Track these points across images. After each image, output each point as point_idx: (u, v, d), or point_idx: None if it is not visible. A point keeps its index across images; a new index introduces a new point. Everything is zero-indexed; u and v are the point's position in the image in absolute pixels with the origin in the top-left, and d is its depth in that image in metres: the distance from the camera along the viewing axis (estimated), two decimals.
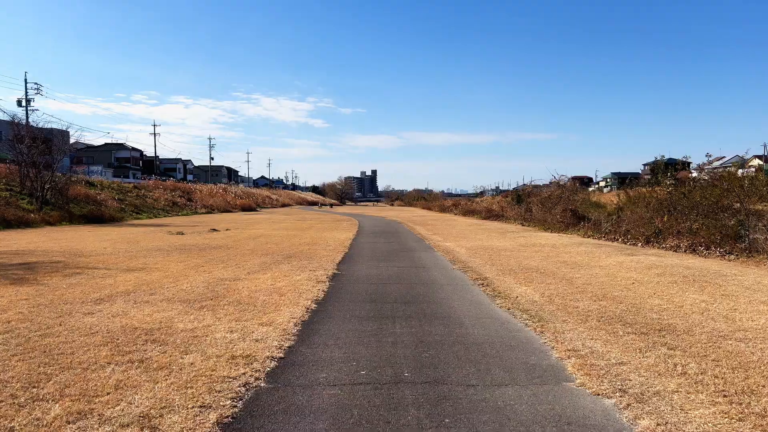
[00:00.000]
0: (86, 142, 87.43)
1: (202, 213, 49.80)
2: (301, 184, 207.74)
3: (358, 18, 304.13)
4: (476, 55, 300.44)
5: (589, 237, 20.30)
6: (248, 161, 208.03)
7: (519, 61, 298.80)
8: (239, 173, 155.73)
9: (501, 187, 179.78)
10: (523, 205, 35.97)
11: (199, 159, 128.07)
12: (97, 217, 32.13)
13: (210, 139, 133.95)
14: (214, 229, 24.55)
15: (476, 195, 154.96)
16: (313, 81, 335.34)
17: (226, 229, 24.64)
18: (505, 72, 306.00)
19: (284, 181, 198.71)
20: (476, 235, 21.85)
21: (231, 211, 57.21)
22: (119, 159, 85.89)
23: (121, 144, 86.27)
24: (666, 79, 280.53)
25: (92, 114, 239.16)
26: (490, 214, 38.57)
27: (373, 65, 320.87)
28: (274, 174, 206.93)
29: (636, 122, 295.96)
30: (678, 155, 41.89)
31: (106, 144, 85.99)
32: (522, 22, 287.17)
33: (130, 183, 54.25)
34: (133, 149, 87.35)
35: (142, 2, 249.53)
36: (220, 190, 68.98)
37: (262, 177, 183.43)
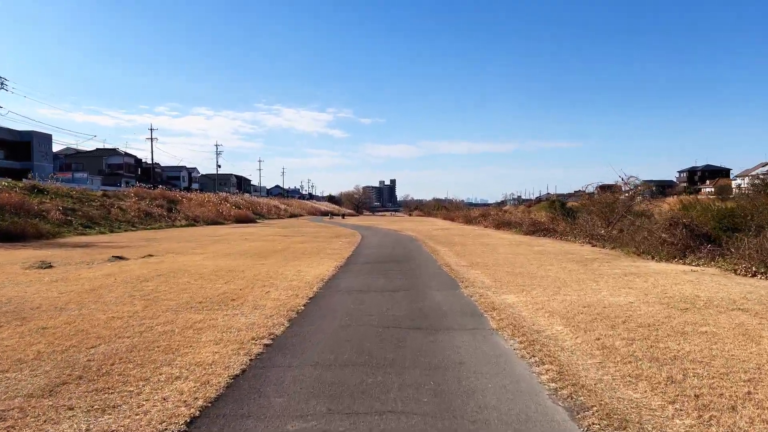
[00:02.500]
0: (78, 148, 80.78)
1: (181, 226, 41.66)
2: (319, 194, 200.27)
3: (377, 30, 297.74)
4: (496, 62, 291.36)
5: (754, 275, 11.38)
6: (260, 169, 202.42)
7: (540, 67, 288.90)
8: (252, 182, 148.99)
9: (523, 197, 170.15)
10: (586, 217, 26.96)
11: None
12: (14, 234, 24.02)
13: (217, 146, 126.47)
14: (147, 255, 16.22)
15: (498, 204, 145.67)
16: (334, 92, 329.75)
17: (148, 255, 16.19)
18: (526, 79, 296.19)
19: (300, 190, 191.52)
20: (545, 270, 13.06)
21: (221, 224, 49.10)
22: (111, 165, 78.70)
23: (114, 149, 79.21)
24: (689, 86, 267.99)
25: (115, 126, 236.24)
26: (536, 228, 29.61)
27: (393, 76, 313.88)
28: (293, 184, 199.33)
29: (661, 130, 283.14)
30: (699, 163, 33.56)
31: (97, 149, 79.06)
32: (542, 29, 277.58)
33: (101, 191, 46.43)
34: (127, 155, 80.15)
35: (164, 15, 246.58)
36: (214, 200, 60.97)
37: (277, 186, 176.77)
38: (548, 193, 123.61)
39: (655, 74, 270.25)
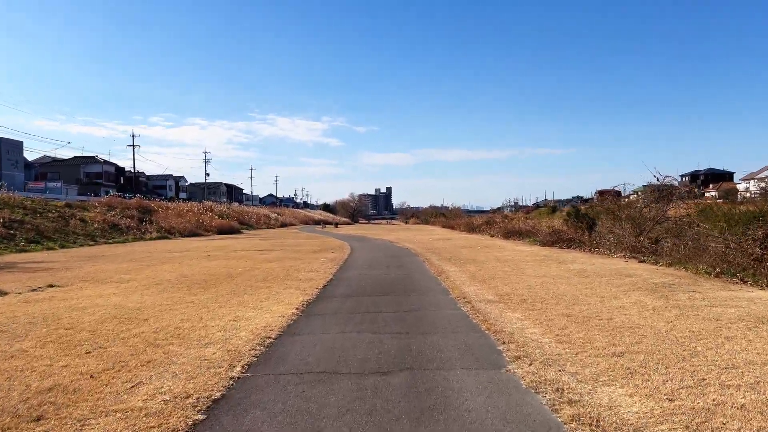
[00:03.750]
0: (54, 155, 76.16)
1: (151, 239, 37.08)
2: (314, 202, 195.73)
3: (370, 38, 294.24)
4: (490, 71, 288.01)
5: None
6: (251, 177, 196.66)
7: (534, 75, 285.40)
8: (243, 191, 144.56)
9: (520, 203, 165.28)
10: (610, 224, 22.54)
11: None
12: None
13: (205, 153, 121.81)
14: (48, 286, 11.79)
15: (495, 211, 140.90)
16: (327, 100, 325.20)
17: (49, 286, 11.67)
18: (521, 87, 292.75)
19: (294, 199, 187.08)
20: (619, 311, 8.61)
21: (200, 235, 44.58)
22: (90, 174, 74.04)
23: (92, 157, 74.57)
24: (683, 92, 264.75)
25: (110, 136, 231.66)
26: (557, 238, 25.19)
27: (386, 84, 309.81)
28: (288, 192, 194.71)
29: (658, 135, 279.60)
30: (702, 166, 30.11)
31: (75, 157, 74.41)
32: (537, 38, 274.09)
33: (65, 201, 41.84)
34: (107, 163, 75.52)
35: (156, 25, 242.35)
36: (195, 209, 56.44)
37: (270, 195, 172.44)
38: (545, 199, 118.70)
39: (651, 79, 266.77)
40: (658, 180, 26.42)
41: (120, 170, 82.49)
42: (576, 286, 11.03)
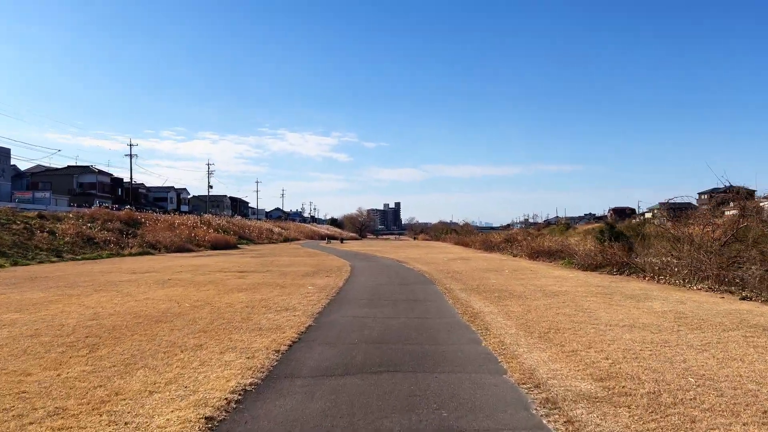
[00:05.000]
0: (47, 164, 72.57)
1: (131, 254, 32.84)
2: (322, 217, 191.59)
3: (380, 55, 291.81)
4: (499, 87, 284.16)
5: None
6: (257, 191, 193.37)
7: (543, 91, 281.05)
8: (249, 204, 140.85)
9: (530, 220, 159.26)
10: (694, 250, 17.91)
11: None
12: None
13: (209, 165, 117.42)
14: None
15: (504, 228, 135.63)
16: (337, 116, 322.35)
17: None
18: (529, 103, 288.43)
19: (302, 213, 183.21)
20: None
21: (190, 251, 40.41)
22: (83, 185, 70.21)
23: (87, 167, 70.77)
24: (700, 106, 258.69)
25: (122, 150, 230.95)
26: (601, 262, 20.61)
27: (396, 100, 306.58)
28: (296, 207, 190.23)
29: (671, 151, 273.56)
30: (720, 184, 26.97)
31: (68, 167, 70.66)
32: (546, 54, 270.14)
33: (37, 212, 37.79)
34: (101, 173, 71.72)
35: (167, 39, 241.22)
36: (189, 222, 52.35)
37: (277, 209, 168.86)
38: (557, 216, 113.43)
39: (664, 93, 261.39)
40: (725, 188, 22.13)
41: (117, 181, 78.74)
42: (710, 352, 6.54)
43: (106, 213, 43.21)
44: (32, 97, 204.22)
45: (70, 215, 38.15)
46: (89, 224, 37.04)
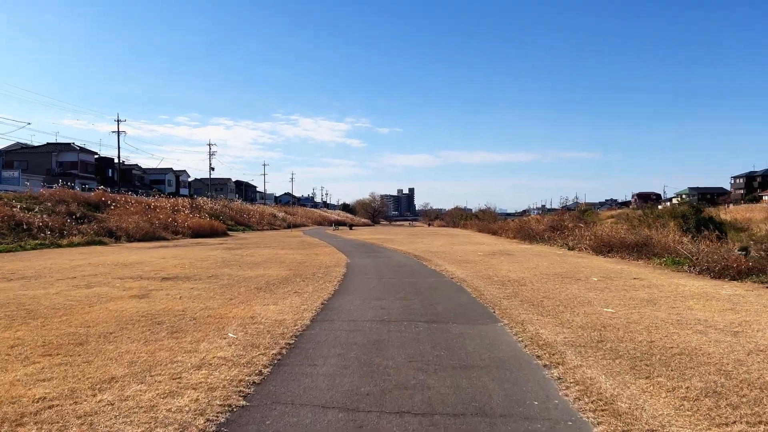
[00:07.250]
0: (25, 142, 65.72)
1: (71, 245, 25.46)
2: (334, 202, 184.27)
3: (394, 40, 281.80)
4: (515, 74, 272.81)
5: None
6: (264, 174, 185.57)
7: (558, 77, 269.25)
8: (257, 189, 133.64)
9: (547, 206, 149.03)
10: None
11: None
12: None
13: (210, 146, 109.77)
14: None
15: (520, 214, 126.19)
16: (351, 101, 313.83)
17: None
18: (545, 90, 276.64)
19: (313, 198, 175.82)
20: None
21: (163, 239, 33.12)
22: (63, 164, 63.20)
23: (67, 144, 63.62)
24: (717, 93, 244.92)
25: (137, 135, 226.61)
26: (743, 267, 12.68)
27: (410, 85, 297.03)
28: (308, 192, 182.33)
29: (702, 135, 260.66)
30: (758, 167, 17.02)
31: (47, 144, 63.68)
32: (561, 40, 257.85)
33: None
34: (84, 150, 64.58)
35: (182, 27, 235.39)
36: (167, 205, 44.99)
37: (287, 194, 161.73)
38: (577, 202, 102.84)
39: (687, 78, 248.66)
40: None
41: (106, 161, 71.68)
42: None
43: (63, 193, 36.00)
44: (46, 82, 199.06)
45: (9, 195, 30.91)
46: (31, 206, 29.79)
